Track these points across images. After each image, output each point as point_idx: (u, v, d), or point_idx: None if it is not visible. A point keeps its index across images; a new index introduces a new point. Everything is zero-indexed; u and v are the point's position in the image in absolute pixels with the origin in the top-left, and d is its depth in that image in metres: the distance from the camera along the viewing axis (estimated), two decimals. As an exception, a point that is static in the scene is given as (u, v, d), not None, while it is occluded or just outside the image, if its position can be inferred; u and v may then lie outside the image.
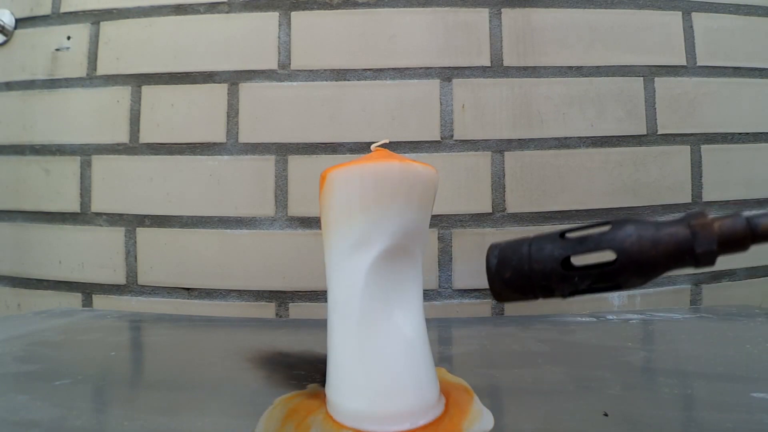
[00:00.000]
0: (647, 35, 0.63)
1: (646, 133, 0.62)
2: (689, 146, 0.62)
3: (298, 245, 0.61)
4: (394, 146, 0.52)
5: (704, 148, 0.62)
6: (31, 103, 0.65)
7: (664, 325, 0.50)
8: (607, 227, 0.21)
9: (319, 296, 0.61)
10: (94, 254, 0.63)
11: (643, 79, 0.62)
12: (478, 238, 0.60)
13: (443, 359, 0.40)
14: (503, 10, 0.62)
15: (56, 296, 0.64)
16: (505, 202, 0.61)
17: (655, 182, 0.62)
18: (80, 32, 0.65)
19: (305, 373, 0.35)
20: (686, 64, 0.63)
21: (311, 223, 0.61)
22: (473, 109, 0.61)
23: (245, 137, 0.62)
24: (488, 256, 0.23)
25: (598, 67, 0.62)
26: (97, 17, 0.65)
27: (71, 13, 0.65)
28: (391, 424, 0.24)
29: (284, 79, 0.62)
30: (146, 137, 0.63)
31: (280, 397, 0.29)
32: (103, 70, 0.64)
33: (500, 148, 0.61)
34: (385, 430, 0.24)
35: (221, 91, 0.62)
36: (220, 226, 0.62)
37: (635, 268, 0.20)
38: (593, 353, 0.41)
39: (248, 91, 0.62)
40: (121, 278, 0.62)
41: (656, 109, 0.62)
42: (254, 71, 0.62)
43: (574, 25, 0.62)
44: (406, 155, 0.31)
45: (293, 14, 0.63)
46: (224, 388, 0.34)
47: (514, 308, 0.60)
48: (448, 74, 0.62)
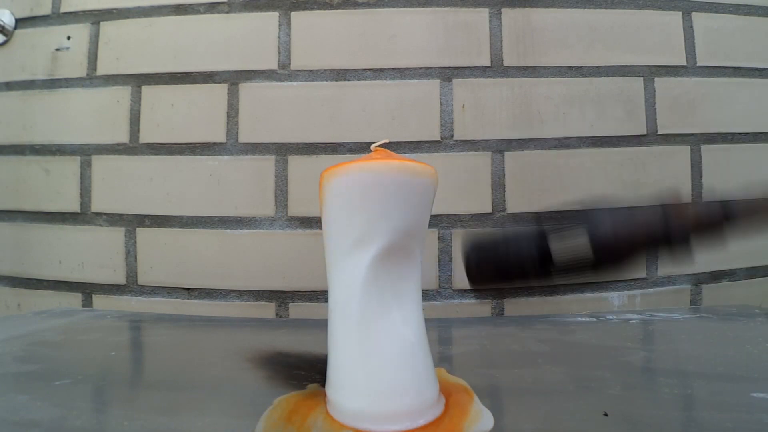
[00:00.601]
0: (647, 35, 0.63)
1: (646, 133, 0.62)
2: (689, 146, 0.62)
3: (298, 245, 0.61)
4: (394, 146, 0.52)
5: (704, 148, 0.62)
6: (31, 103, 0.65)
7: (664, 325, 0.50)
8: (581, 213, 0.21)
9: (319, 296, 0.61)
10: (94, 254, 0.63)
11: (643, 79, 0.62)
12: (478, 238, 0.60)
13: (443, 359, 0.40)
14: (503, 10, 0.62)
15: (56, 296, 0.64)
16: (505, 202, 0.61)
17: (655, 182, 0.62)
18: (80, 32, 0.65)
19: (305, 373, 0.35)
20: (686, 64, 0.63)
21: (311, 223, 0.61)
22: (473, 109, 0.61)
23: (245, 137, 0.62)
24: (464, 244, 0.24)
25: (598, 67, 0.62)
26: (97, 17, 0.65)
27: (71, 13, 0.65)
28: (390, 423, 0.24)
29: (284, 79, 0.62)
30: (146, 137, 0.63)
31: (280, 397, 0.29)
32: (103, 70, 0.64)
33: (500, 148, 0.61)
34: (385, 429, 0.24)
35: (221, 91, 0.62)
36: (220, 226, 0.62)
37: (608, 253, 0.20)
38: (593, 353, 0.41)
39: (248, 91, 0.62)
40: (121, 278, 0.62)
41: (656, 109, 0.62)
42: (254, 71, 0.62)
43: (574, 25, 0.62)
44: (406, 155, 0.31)
45: (293, 14, 0.63)
46: (224, 388, 0.33)
47: (514, 308, 0.60)
48: (448, 74, 0.62)
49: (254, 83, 0.62)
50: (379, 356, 0.25)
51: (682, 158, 0.62)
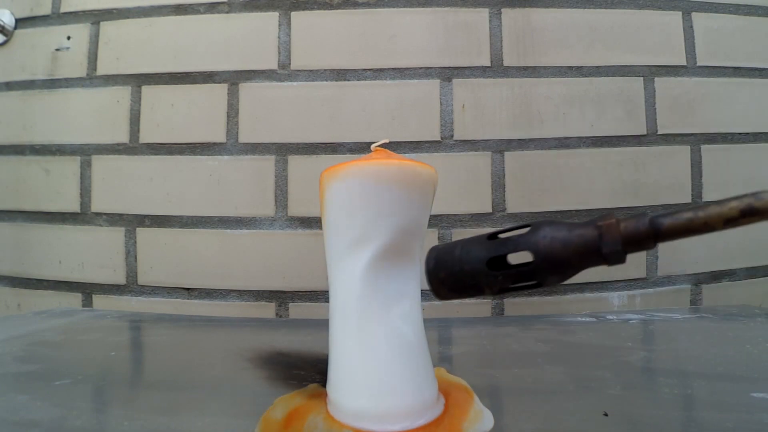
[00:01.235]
0: (647, 35, 0.63)
1: (646, 133, 0.62)
2: (689, 146, 0.62)
3: (298, 245, 0.61)
4: (394, 146, 0.52)
5: (704, 148, 0.62)
6: (31, 103, 0.65)
7: (664, 325, 0.50)
8: (527, 229, 0.22)
9: (319, 296, 0.61)
10: (94, 254, 0.63)
11: (643, 79, 0.62)
12: (478, 238, 0.60)
13: (443, 359, 0.40)
14: (503, 10, 0.62)
15: (56, 296, 0.64)
16: (505, 202, 0.61)
17: (655, 182, 0.62)
18: (80, 32, 0.65)
19: (305, 373, 0.35)
20: (686, 64, 0.63)
21: (311, 223, 0.61)
22: (473, 109, 0.61)
23: (245, 137, 0.62)
24: (427, 257, 0.25)
25: (598, 67, 0.62)
26: (97, 17, 0.65)
27: (71, 13, 0.65)
28: (390, 423, 0.24)
29: (284, 79, 0.62)
30: (146, 137, 0.63)
31: (280, 397, 0.29)
32: (103, 70, 0.64)
33: (500, 148, 0.61)
34: (384, 429, 0.24)
35: (221, 91, 0.62)
36: (220, 226, 0.62)
37: (549, 267, 0.21)
38: (593, 353, 0.41)
39: (248, 91, 0.62)
40: (121, 278, 0.62)
41: (656, 109, 0.62)
42: (254, 71, 0.62)
43: (574, 25, 0.62)
44: (406, 155, 0.31)
45: (293, 14, 0.63)
46: (224, 388, 0.34)
47: (514, 308, 0.60)
48: (448, 74, 0.62)
49: (254, 83, 0.62)
50: (378, 355, 0.25)
51: (682, 158, 0.62)
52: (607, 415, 0.28)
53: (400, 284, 0.26)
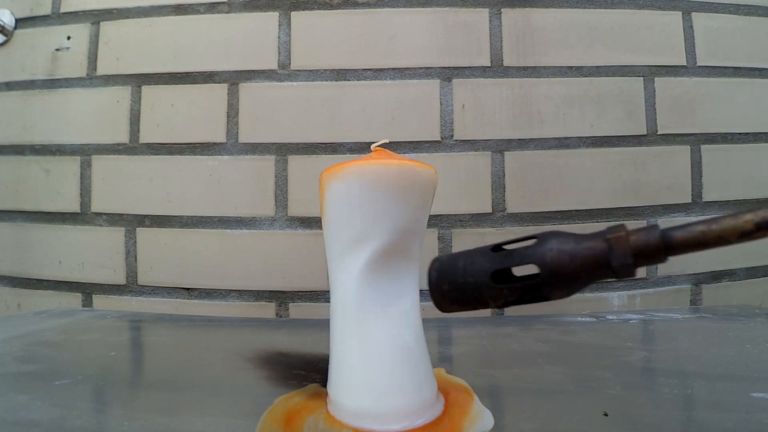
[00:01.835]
0: (647, 35, 0.63)
1: (646, 133, 0.62)
2: (689, 146, 0.62)
3: (298, 245, 0.61)
4: (394, 146, 0.52)
5: (704, 148, 0.62)
6: (31, 103, 0.65)
7: (664, 325, 0.50)
8: (533, 241, 0.22)
9: (319, 296, 0.61)
10: (94, 254, 0.63)
11: (643, 79, 0.62)
12: (478, 238, 0.60)
13: (443, 359, 0.40)
14: (503, 10, 0.62)
15: (56, 296, 0.64)
16: (505, 202, 0.61)
17: (655, 182, 0.62)
18: (80, 32, 0.65)
19: (305, 373, 0.35)
20: (686, 64, 0.63)
21: (311, 223, 0.61)
22: (473, 109, 0.61)
23: (245, 137, 0.62)
24: (429, 269, 0.24)
25: (598, 67, 0.62)
26: (97, 17, 0.65)
27: (71, 13, 0.65)
28: (390, 422, 0.24)
29: (284, 79, 0.62)
30: (146, 137, 0.63)
31: (280, 396, 0.29)
32: (103, 70, 0.64)
33: (500, 148, 0.61)
34: (385, 428, 0.24)
35: (221, 91, 0.62)
36: (220, 226, 0.62)
37: (556, 281, 0.21)
38: (593, 353, 0.41)
39: (248, 91, 0.62)
40: (121, 278, 0.62)
41: (656, 109, 0.62)
42: (254, 71, 0.62)
43: (574, 25, 0.62)
44: (406, 155, 0.31)
45: (293, 14, 0.63)
46: (224, 388, 0.33)
47: (514, 308, 0.60)
48: (448, 74, 0.62)
49: (254, 83, 0.62)
50: (377, 355, 0.25)
51: (682, 158, 0.62)
52: (607, 415, 0.28)
53: (399, 284, 0.26)
